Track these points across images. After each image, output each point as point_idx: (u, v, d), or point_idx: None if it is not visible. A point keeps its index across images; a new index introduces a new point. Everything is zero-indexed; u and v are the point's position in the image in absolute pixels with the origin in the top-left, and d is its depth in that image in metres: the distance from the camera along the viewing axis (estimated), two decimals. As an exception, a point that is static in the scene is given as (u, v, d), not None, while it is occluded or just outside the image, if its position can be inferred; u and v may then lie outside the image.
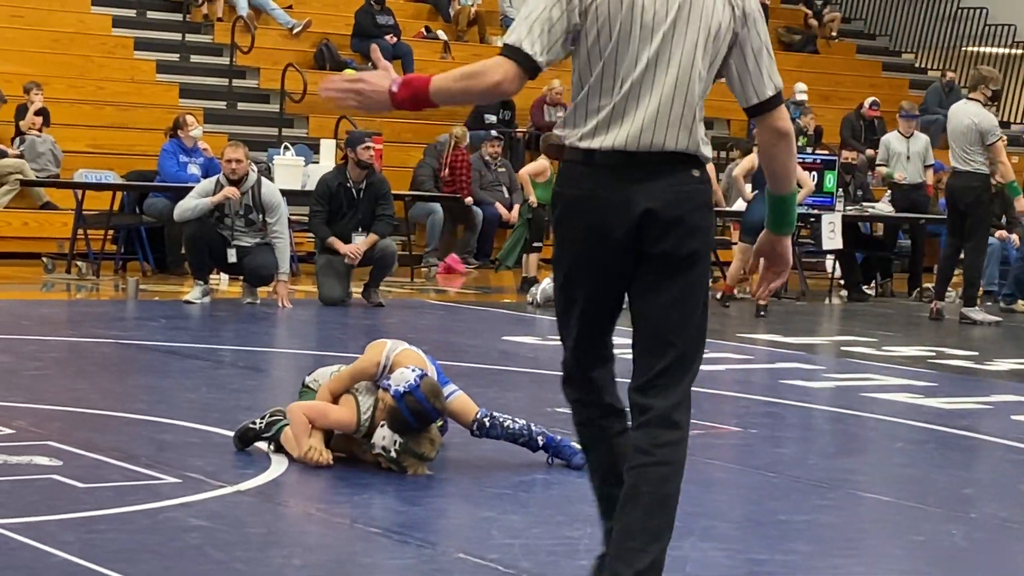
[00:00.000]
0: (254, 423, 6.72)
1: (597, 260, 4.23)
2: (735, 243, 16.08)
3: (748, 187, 15.36)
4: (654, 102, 4.15)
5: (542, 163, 16.66)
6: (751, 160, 14.96)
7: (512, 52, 4.13)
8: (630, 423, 4.37)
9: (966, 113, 14.44)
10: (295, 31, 22.20)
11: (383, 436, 6.35)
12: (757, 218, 14.49)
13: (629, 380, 4.31)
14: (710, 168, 4.37)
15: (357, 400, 6.49)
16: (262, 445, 6.69)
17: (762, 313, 14.33)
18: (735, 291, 15.27)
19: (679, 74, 4.16)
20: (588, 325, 4.33)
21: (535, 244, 16.26)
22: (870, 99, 23.31)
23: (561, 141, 4.29)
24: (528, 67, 4.12)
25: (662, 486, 4.25)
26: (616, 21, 4.14)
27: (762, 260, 4.50)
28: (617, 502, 4.29)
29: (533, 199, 16.46)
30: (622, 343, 4.37)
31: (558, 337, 4.45)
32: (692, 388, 4.36)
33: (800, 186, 15.00)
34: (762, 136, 4.32)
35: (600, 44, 4.16)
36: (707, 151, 4.25)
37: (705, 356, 4.42)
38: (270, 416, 6.71)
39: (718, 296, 14.75)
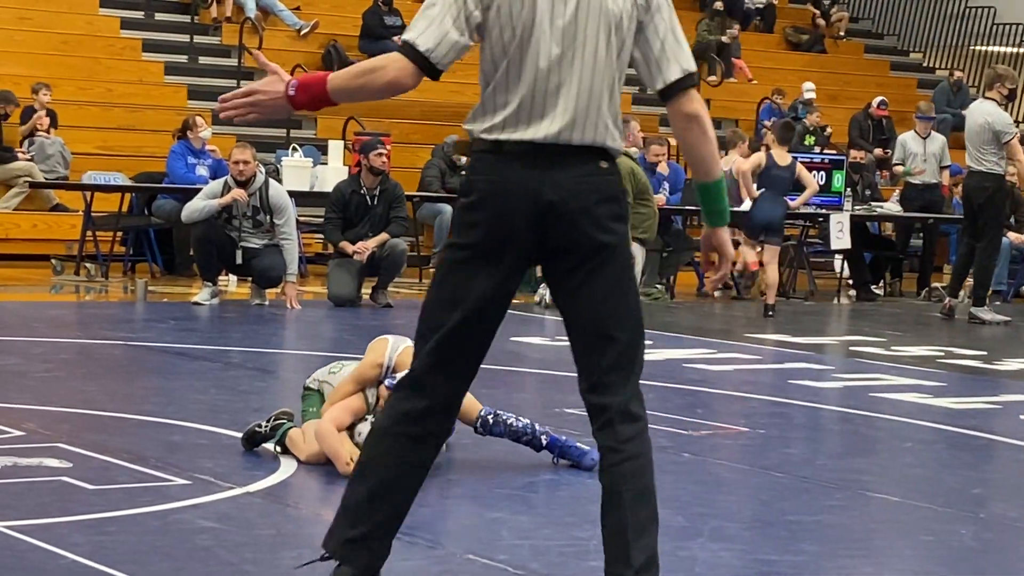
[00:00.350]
0: (260, 426, 6.73)
1: (500, 248, 4.19)
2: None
3: (754, 185, 15.33)
4: (561, 97, 4.15)
5: None
6: (759, 158, 14.86)
7: (408, 50, 4.15)
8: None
9: (981, 112, 14.46)
10: (302, 32, 22.21)
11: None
12: (763, 217, 14.47)
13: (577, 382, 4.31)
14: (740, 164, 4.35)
15: (364, 391, 6.50)
16: (269, 446, 6.69)
17: (770, 313, 14.31)
18: (756, 267, 15.05)
19: (584, 68, 4.16)
20: (467, 321, 4.23)
21: None
22: (878, 98, 23.28)
23: (471, 135, 4.30)
24: (424, 66, 4.15)
25: (638, 480, 4.27)
26: (519, 19, 4.14)
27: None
28: (366, 513, 4.31)
29: None
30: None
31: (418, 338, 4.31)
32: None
33: (804, 186, 14.99)
34: (673, 121, 4.27)
35: (504, 41, 4.16)
36: (617, 145, 4.23)
37: (714, 356, 4.43)
38: (275, 420, 6.72)
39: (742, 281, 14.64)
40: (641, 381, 4.30)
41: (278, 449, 6.64)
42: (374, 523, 4.31)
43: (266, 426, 6.70)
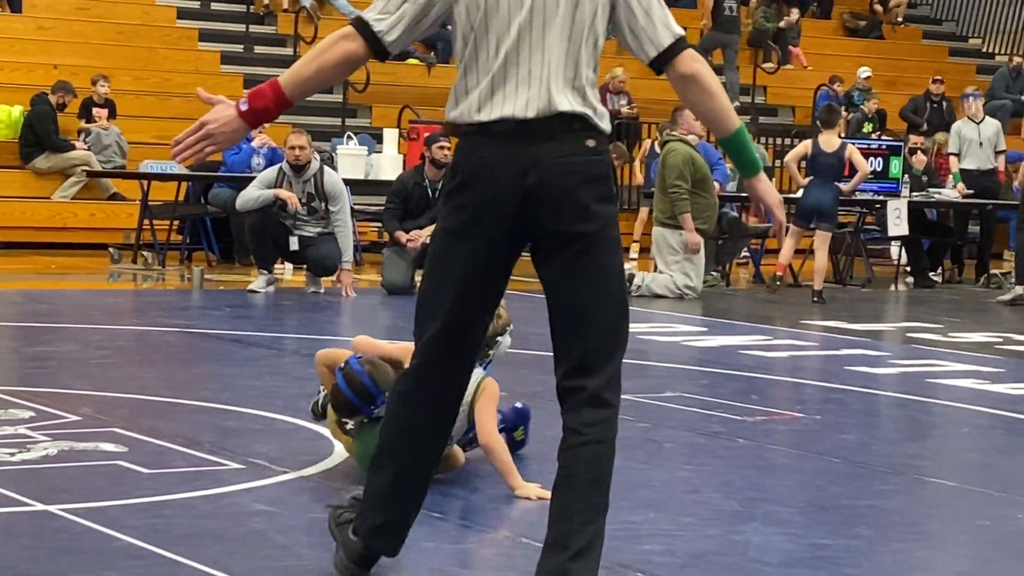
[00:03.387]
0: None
1: (483, 230, 4.11)
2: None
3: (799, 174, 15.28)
4: (535, 67, 4.07)
5: None
6: (804, 146, 14.80)
7: (361, 27, 4.12)
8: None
9: None
10: None
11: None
12: (811, 203, 14.42)
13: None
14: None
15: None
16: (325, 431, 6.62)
17: (816, 299, 14.24)
18: (783, 272, 15.01)
19: (555, 37, 4.07)
20: (460, 307, 4.18)
21: None
22: (934, 78, 23.20)
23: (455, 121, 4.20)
24: (375, 46, 4.12)
25: (594, 466, 4.19)
26: None
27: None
28: (391, 500, 4.32)
29: None
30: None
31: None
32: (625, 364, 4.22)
33: (856, 170, 14.91)
34: (674, 86, 4.19)
35: (470, 18, 4.09)
36: (602, 120, 4.13)
37: (770, 343, 4.36)
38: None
39: (768, 279, 14.51)
40: (624, 361, 4.23)
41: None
42: (400, 509, 4.35)
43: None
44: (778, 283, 14.67)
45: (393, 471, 4.33)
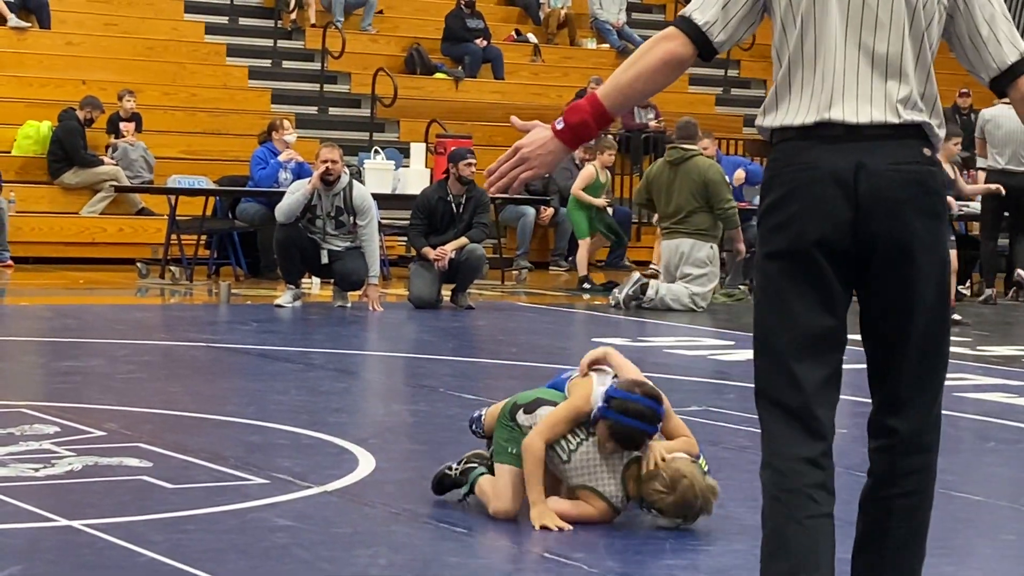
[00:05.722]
0: (450, 468, 5.92)
1: (813, 247, 3.61)
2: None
3: None
4: (868, 69, 3.63)
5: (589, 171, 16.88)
6: None
7: (682, 22, 3.68)
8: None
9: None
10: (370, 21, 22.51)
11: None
12: None
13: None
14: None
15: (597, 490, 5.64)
16: (460, 492, 5.96)
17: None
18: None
19: (889, 39, 3.65)
20: (804, 347, 3.64)
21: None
22: (960, 89, 23.13)
23: (764, 132, 3.76)
24: (698, 39, 3.66)
25: (910, 518, 3.83)
26: None
27: None
28: None
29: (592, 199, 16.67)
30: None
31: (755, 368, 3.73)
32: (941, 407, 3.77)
33: None
34: (1017, 109, 3.74)
35: (793, 10, 3.64)
36: (939, 130, 3.71)
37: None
38: (466, 462, 5.92)
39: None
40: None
41: (467, 500, 5.83)
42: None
43: (456, 468, 5.91)
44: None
45: (793, 559, 3.66)
